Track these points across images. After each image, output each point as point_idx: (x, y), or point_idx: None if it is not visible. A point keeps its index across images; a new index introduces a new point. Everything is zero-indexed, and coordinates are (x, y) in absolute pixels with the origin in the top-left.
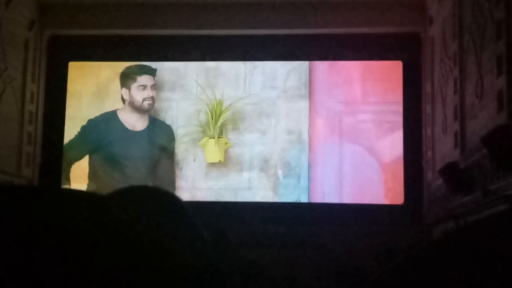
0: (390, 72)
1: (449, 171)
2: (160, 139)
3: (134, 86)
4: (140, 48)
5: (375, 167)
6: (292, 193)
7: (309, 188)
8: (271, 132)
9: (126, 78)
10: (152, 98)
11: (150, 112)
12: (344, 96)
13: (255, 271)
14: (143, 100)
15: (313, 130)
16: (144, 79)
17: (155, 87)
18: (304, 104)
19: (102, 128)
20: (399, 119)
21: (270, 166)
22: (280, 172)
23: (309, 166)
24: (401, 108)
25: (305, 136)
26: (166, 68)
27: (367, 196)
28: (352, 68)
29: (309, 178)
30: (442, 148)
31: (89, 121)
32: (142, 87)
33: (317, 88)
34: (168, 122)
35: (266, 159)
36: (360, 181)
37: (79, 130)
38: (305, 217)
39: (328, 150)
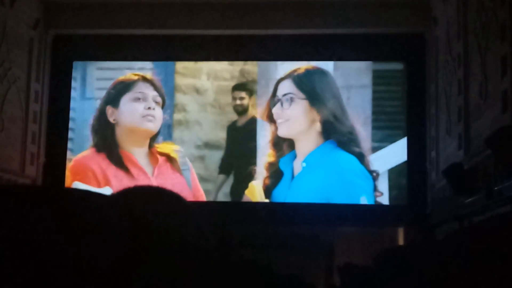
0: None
1: (453, 172)
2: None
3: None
4: (144, 48)
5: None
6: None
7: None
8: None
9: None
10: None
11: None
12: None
13: (258, 271)
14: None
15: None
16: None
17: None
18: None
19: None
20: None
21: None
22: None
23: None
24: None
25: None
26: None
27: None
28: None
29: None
30: (446, 149)
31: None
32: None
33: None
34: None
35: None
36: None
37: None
38: (308, 217)
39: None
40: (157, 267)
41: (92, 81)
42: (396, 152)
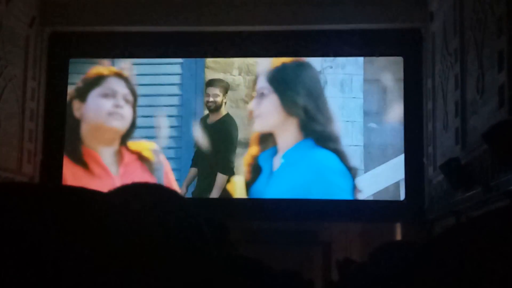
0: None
1: (450, 167)
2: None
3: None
4: (141, 45)
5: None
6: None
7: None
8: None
9: None
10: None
11: None
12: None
13: (255, 267)
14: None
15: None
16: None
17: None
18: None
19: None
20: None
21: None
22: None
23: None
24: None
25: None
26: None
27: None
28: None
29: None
30: (443, 144)
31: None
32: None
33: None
34: None
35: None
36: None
37: None
38: (306, 214)
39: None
40: (155, 264)
41: None
42: (389, 172)
